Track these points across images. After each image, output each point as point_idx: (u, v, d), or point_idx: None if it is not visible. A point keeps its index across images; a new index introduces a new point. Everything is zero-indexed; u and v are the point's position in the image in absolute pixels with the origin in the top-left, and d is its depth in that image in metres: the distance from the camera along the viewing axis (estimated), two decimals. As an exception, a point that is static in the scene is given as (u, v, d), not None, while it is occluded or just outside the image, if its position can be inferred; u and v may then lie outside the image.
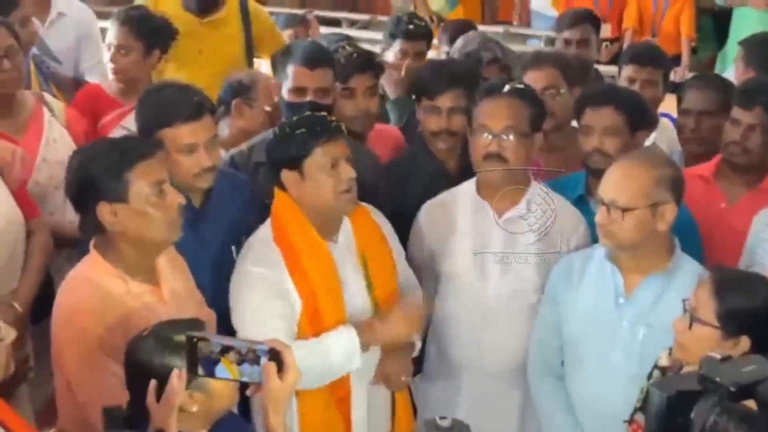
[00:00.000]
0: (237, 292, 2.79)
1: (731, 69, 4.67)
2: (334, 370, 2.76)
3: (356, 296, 2.84)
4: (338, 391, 2.82)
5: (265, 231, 2.84)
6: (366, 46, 3.89)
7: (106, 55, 3.91)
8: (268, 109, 3.60)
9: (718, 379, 1.85)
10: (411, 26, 4.29)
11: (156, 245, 2.58)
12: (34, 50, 4.03)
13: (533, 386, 2.99)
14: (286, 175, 2.78)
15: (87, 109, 3.76)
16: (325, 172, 2.74)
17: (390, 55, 4.19)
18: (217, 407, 2.22)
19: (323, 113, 2.95)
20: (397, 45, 4.21)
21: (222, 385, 2.18)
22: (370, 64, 3.54)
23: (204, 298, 2.79)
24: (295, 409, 2.79)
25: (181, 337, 2.08)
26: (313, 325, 2.77)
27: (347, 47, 3.59)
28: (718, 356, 1.94)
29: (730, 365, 1.90)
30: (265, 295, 2.75)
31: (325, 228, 2.82)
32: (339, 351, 2.74)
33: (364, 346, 2.76)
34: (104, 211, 2.51)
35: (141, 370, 2.17)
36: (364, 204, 2.93)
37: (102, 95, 3.84)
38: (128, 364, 2.21)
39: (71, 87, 4.09)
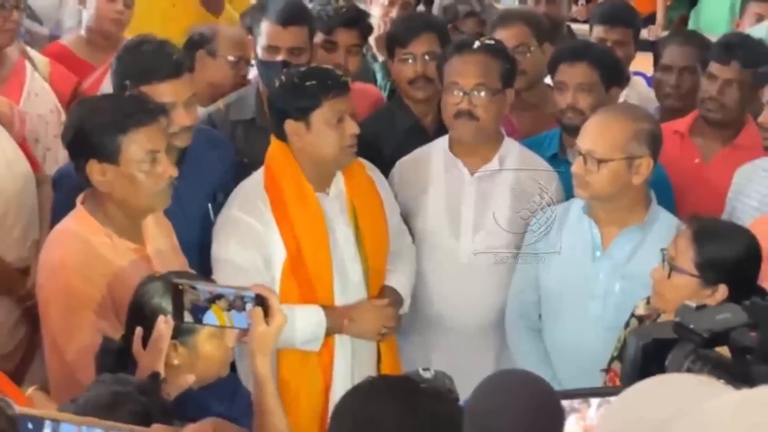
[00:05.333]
0: (217, 234, 2.80)
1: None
2: (292, 343, 2.75)
3: (344, 247, 2.84)
4: (322, 348, 2.82)
5: (256, 178, 2.84)
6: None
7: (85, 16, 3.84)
8: (231, 59, 3.53)
9: (692, 327, 1.86)
10: None
11: (142, 210, 2.57)
12: None
13: (511, 338, 3.02)
14: (291, 125, 2.76)
15: None
16: (331, 126, 2.74)
17: (376, 10, 4.11)
18: (203, 368, 2.21)
19: (325, 66, 2.94)
20: None
21: (211, 348, 2.19)
22: (358, 22, 3.52)
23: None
24: (274, 366, 2.77)
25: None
26: (297, 276, 2.77)
27: (339, 0, 3.56)
28: (693, 304, 1.95)
29: (705, 313, 1.91)
30: (244, 244, 2.75)
31: (319, 179, 2.83)
32: (303, 329, 2.74)
33: (329, 333, 2.77)
34: (94, 168, 2.49)
35: (142, 311, 2.19)
36: (360, 158, 2.92)
37: (68, 54, 3.76)
38: (132, 303, 2.23)
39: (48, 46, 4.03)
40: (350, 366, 2.85)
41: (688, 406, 1.21)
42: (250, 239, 2.75)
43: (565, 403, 1.77)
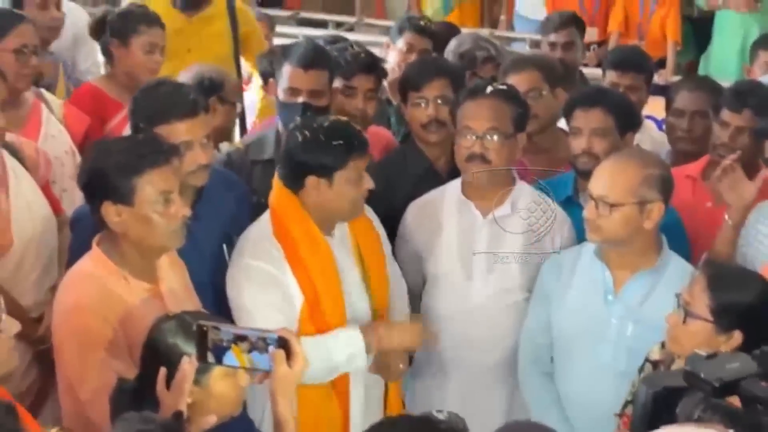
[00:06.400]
0: (236, 285, 2.81)
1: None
2: (336, 369, 2.79)
3: (353, 289, 2.87)
4: (338, 385, 2.85)
5: (263, 226, 2.85)
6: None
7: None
8: (240, 105, 3.61)
9: (702, 375, 1.87)
10: (422, 22, 4.30)
11: (157, 250, 2.60)
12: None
13: (523, 383, 3.02)
14: (312, 181, 2.78)
15: (87, 109, 3.75)
16: (353, 184, 2.78)
17: (393, 56, 4.15)
18: (216, 407, 2.22)
19: (346, 121, 2.95)
20: (403, 39, 4.14)
21: (224, 387, 2.20)
22: (375, 67, 3.58)
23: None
24: (295, 406, 2.78)
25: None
26: (314, 319, 2.79)
27: (355, 47, 3.63)
28: (704, 353, 1.96)
29: (715, 362, 1.93)
30: (265, 289, 2.77)
31: (326, 225, 2.85)
32: (341, 351, 2.76)
33: (369, 349, 2.78)
34: (109, 210, 2.52)
35: (157, 350, 2.21)
36: None
37: (101, 95, 3.83)
38: (147, 342, 2.25)
39: None
40: (363, 409, 2.86)
41: None
42: (271, 284, 2.77)
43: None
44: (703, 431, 1.48)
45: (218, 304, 2.85)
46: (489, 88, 3.09)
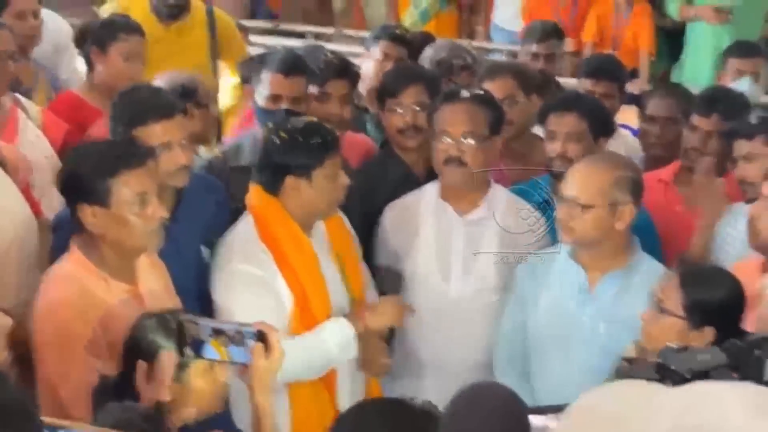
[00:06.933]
0: (226, 291, 2.84)
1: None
2: (332, 361, 2.84)
3: (333, 286, 2.91)
4: (327, 382, 2.89)
5: (245, 230, 2.88)
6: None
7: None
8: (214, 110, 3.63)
9: (673, 367, 1.92)
10: (397, 30, 4.35)
11: (134, 251, 2.61)
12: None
13: (499, 382, 3.04)
14: (291, 180, 2.82)
15: (67, 116, 3.75)
16: (331, 181, 2.82)
17: (368, 64, 4.17)
18: (195, 402, 2.24)
19: (318, 121, 3.01)
20: (379, 48, 4.18)
21: (203, 382, 2.22)
22: (347, 71, 3.62)
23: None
24: (287, 402, 2.84)
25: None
26: (304, 318, 2.84)
27: (327, 54, 3.67)
28: (675, 346, 2.02)
29: (686, 354, 1.98)
30: (256, 293, 2.80)
31: (306, 224, 2.89)
32: (335, 342, 2.81)
33: (357, 336, 2.84)
34: (86, 212, 2.53)
35: (138, 347, 2.24)
36: None
37: (81, 102, 3.84)
38: (128, 339, 2.27)
39: None
40: (350, 397, 2.89)
41: (640, 402, 1.29)
42: (263, 288, 2.81)
43: (537, 419, 1.84)
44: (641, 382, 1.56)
45: (199, 305, 2.86)
46: (465, 93, 3.15)
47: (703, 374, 1.92)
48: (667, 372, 1.94)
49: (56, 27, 4.52)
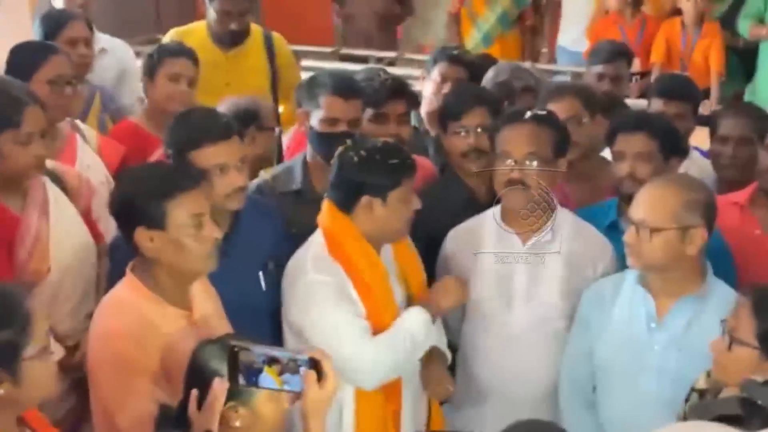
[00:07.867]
0: (305, 304, 2.82)
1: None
2: (419, 347, 2.85)
3: (400, 304, 2.92)
4: (392, 404, 2.88)
5: (314, 248, 2.87)
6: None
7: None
8: (277, 130, 3.61)
9: (760, 402, 1.79)
10: (456, 52, 4.28)
11: (190, 275, 2.60)
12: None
13: (564, 412, 2.96)
14: (366, 201, 2.80)
15: (124, 143, 3.77)
16: (404, 204, 2.82)
17: (428, 86, 4.12)
18: (261, 430, 2.21)
19: (396, 142, 3.04)
20: (437, 69, 4.09)
21: (270, 410, 2.20)
22: (404, 91, 3.59)
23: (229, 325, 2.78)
24: (352, 422, 2.84)
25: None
26: (374, 331, 2.82)
27: (382, 74, 3.64)
28: (760, 379, 1.89)
29: (773, 388, 1.85)
30: (336, 300, 2.79)
31: (375, 245, 2.88)
32: (419, 329, 2.83)
33: (434, 319, 2.87)
34: (142, 236, 2.53)
35: (197, 373, 2.21)
36: None
37: (139, 130, 3.87)
38: (190, 367, 2.25)
39: None
40: (413, 406, 2.94)
41: None
42: (340, 295, 2.80)
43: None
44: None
45: (255, 328, 2.80)
46: (528, 114, 3.07)
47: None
48: (753, 408, 1.81)
49: (121, 53, 4.62)
